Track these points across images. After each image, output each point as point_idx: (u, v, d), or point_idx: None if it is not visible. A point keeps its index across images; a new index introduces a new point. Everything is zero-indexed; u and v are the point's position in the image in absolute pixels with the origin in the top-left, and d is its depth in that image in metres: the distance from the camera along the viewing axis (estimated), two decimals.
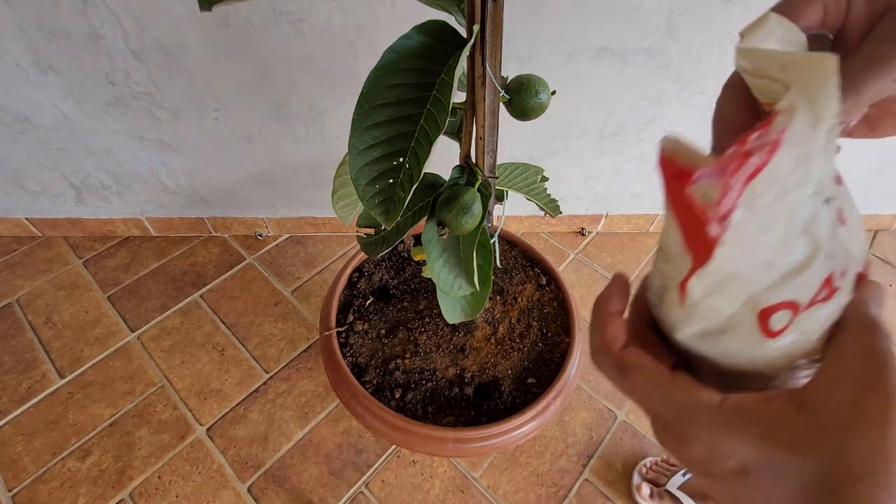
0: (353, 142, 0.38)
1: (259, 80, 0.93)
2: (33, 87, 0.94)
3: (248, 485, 0.90)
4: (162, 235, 1.30)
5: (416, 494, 0.89)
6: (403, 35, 0.38)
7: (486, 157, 0.48)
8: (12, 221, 1.24)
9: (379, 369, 0.71)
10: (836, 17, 0.21)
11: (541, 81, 0.44)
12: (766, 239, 0.17)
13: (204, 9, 0.34)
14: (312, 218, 1.27)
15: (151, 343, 1.08)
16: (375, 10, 0.82)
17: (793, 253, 0.17)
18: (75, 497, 0.87)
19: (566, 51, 0.89)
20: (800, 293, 0.18)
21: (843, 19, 0.21)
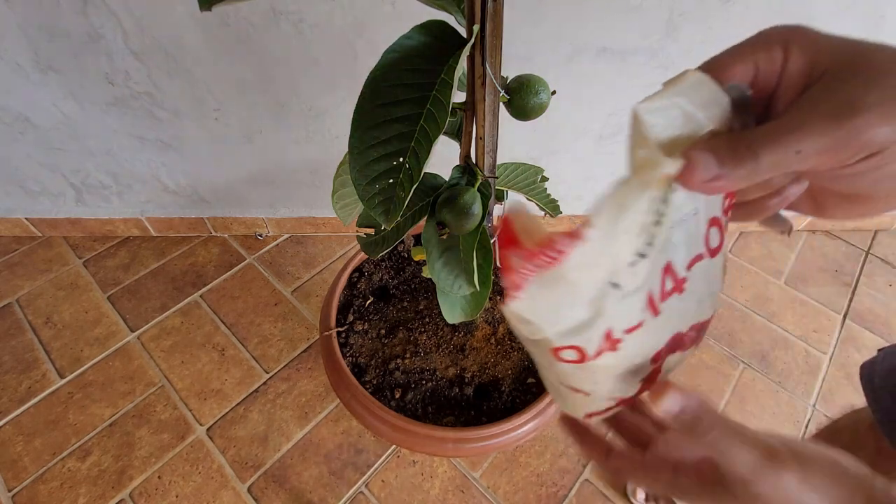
0: (353, 142, 0.38)
1: (259, 80, 0.93)
2: (33, 87, 0.94)
3: (248, 485, 0.90)
4: (162, 235, 1.30)
5: (416, 494, 0.89)
6: (403, 35, 0.38)
7: (486, 157, 0.48)
8: (12, 221, 1.24)
9: (379, 369, 0.71)
10: (769, 76, 0.20)
11: (541, 81, 0.44)
12: (555, 303, 0.20)
13: (204, 9, 0.34)
14: (312, 218, 1.27)
15: (151, 343, 1.08)
16: (375, 10, 0.82)
17: (576, 315, 0.21)
18: (75, 497, 0.87)
19: (566, 51, 0.89)
20: (584, 343, 0.21)
21: (776, 79, 0.20)
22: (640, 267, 0.20)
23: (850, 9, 0.83)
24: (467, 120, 0.46)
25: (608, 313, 0.21)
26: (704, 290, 0.24)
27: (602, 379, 0.24)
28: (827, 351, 1.12)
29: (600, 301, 0.20)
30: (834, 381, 1.07)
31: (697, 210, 0.21)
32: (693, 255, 0.22)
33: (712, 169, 0.19)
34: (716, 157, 0.19)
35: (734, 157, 0.18)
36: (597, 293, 0.20)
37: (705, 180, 0.19)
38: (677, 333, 0.24)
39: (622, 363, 0.23)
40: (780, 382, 1.07)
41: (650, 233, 0.20)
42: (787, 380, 1.07)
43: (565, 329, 0.21)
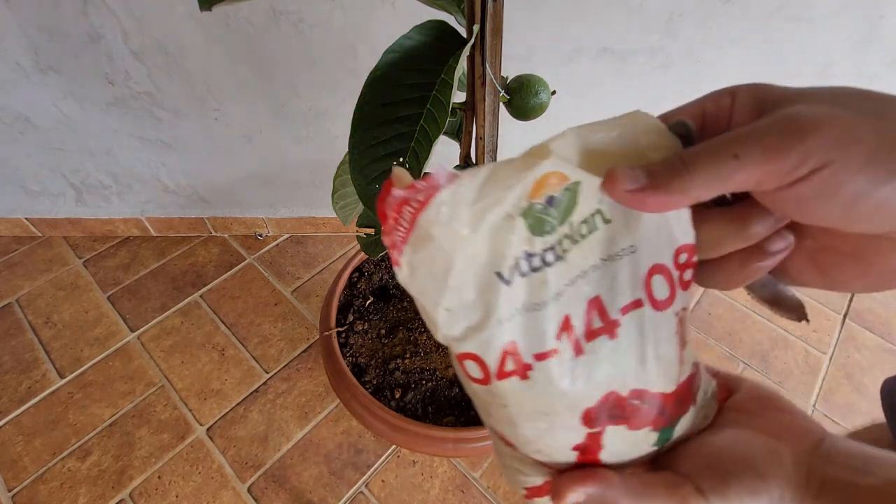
0: (353, 142, 0.38)
1: (259, 80, 0.93)
2: (33, 87, 0.94)
3: (248, 485, 0.90)
4: (162, 235, 1.30)
5: (416, 494, 0.89)
6: (403, 35, 0.38)
7: (486, 157, 0.48)
8: (12, 221, 1.24)
9: (379, 369, 0.71)
10: (718, 120, 0.20)
11: (541, 81, 0.44)
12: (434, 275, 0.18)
13: (204, 9, 0.34)
14: (312, 218, 1.27)
15: (151, 343, 1.08)
16: (375, 10, 0.82)
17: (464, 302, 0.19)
18: (75, 497, 0.87)
19: (566, 51, 0.89)
20: (482, 352, 0.19)
21: (725, 124, 0.19)
22: (544, 277, 0.19)
23: (850, 9, 0.83)
24: (467, 120, 0.46)
25: (503, 315, 0.19)
26: (649, 351, 0.21)
27: (520, 420, 0.21)
28: (827, 351, 1.12)
29: (489, 294, 0.19)
30: (834, 381, 1.07)
31: (635, 248, 0.20)
32: (629, 300, 0.21)
33: (640, 179, 0.18)
34: (645, 170, 0.18)
35: (665, 168, 0.18)
36: (481, 279, 0.19)
37: (629, 190, 0.18)
38: (613, 393, 0.21)
39: (539, 400, 0.20)
40: (780, 382, 1.07)
41: (546, 238, 0.19)
42: (787, 380, 1.07)
43: (459, 327, 0.19)
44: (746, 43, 0.87)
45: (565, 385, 0.20)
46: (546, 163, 0.18)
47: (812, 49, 0.89)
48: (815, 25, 0.85)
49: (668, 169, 0.17)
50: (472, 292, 0.19)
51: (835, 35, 0.87)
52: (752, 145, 0.16)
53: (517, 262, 0.19)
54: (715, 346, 1.12)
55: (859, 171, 0.15)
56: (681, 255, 0.21)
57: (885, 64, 0.93)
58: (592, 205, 0.19)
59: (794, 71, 0.93)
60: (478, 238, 0.18)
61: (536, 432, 0.22)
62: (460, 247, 0.18)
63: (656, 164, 0.18)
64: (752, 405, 0.24)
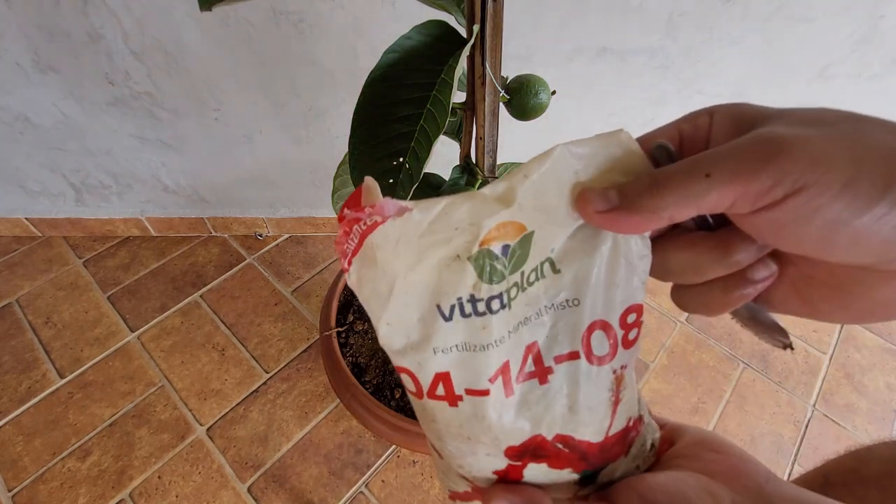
0: (353, 142, 0.38)
1: (259, 80, 0.93)
2: (33, 87, 0.94)
3: (248, 485, 0.90)
4: (162, 235, 1.30)
5: (416, 494, 0.89)
6: (403, 35, 0.38)
7: (486, 157, 0.48)
8: (12, 221, 1.24)
9: (379, 369, 0.71)
10: (695, 141, 0.19)
11: (541, 81, 0.44)
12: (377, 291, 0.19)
13: (204, 9, 0.34)
14: (312, 218, 1.27)
15: (151, 343, 1.08)
16: (375, 10, 0.82)
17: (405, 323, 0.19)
18: (75, 497, 0.87)
19: (566, 51, 0.89)
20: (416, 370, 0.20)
21: (703, 144, 0.19)
22: (487, 323, 0.19)
23: (849, 9, 0.83)
24: (467, 120, 0.46)
25: (439, 346, 0.19)
26: (580, 401, 0.21)
27: (446, 438, 0.22)
28: (827, 351, 1.12)
29: (428, 323, 0.19)
30: (834, 381, 1.07)
31: (579, 302, 0.20)
32: (565, 350, 0.21)
33: (612, 199, 0.17)
34: (617, 190, 0.18)
35: (637, 188, 0.17)
36: (422, 307, 0.19)
37: (600, 210, 0.18)
38: (539, 436, 0.22)
39: (465, 426, 0.21)
40: (780, 382, 1.07)
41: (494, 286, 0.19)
42: (787, 380, 1.07)
43: (397, 343, 0.19)
44: (746, 43, 0.87)
45: (492, 422, 0.21)
46: (506, 211, 0.18)
47: (812, 49, 0.89)
48: (815, 25, 0.85)
49: (639, 189, 0.17)
50: (413, 315, 0.19)
51: (835, 35, 0.87)
52: (723, 164, 0.15)
53: (460, 302, 0.19)
54: (715, 346, 1.12)
55: (836, 197, 0.14)
56: (629, 315, 0.21)
57: (885, 64, 0.93)
58: (545, 253, 0.19)
59: (793, 71, 0.93)
60: (421, 269, 0.18)
61: (460, 452, 0.22)
62: (402, 275, 0.18)
63: (628, 185, 0.18)
64: (693, 450, 0.23)
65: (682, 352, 1.11)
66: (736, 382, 1.06)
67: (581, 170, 0.19)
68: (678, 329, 1.15)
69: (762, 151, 0.15)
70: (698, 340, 1.13)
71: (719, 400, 1.04)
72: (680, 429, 0.25)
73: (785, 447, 0.97)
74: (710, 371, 1.08)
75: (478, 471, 0.23)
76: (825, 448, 0.97)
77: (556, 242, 0.19)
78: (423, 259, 0.18)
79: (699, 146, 0.19)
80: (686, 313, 1.18)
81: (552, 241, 0.19)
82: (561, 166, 0.18)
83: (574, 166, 0.19)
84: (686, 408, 1.02)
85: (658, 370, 1.08)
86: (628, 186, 0.18)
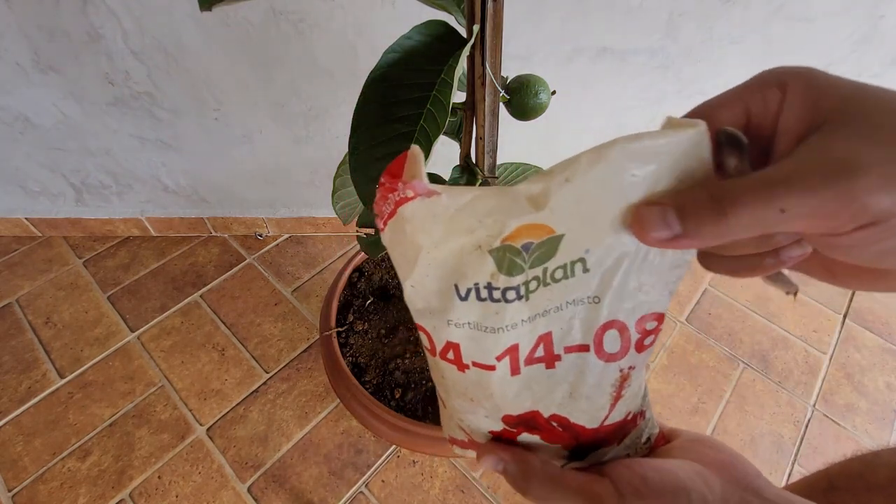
0: (354, 142, 0.38)
1: (259, 80, 0.93)
2: (33, 87, 0.94)
3: (248, 485, 0.90)
4: (162, 235, 1.30)
5: (416, 494, 0.89)
6: (403, 35, 0.38)
7: (486, 157, 0.48)
8: (12, 221, 1.24)
9: (379, 369, 0.71)
10: (764, 121, 0.18)
11: (541, 81, 0.44)
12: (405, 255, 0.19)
13: (204, 9, 0.34)
14: (312, 218, 1.27)
15: (151, 343, 1.08)
16: (375, 10, 0.82)
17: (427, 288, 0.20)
18: (75, 497, 0.87)
19: (566, 51, 0.89)
20: (432, 331, 0.21)
21: (772, 125, 0.18)
22: (500, 309, 0.20)
23: (849, 9, 0.83)
24: (467, 120, 0.46)
25: (454, 320, 0.20)
26: (581, 390, 0.22)
27: (452, 394, 0.23)
28: (827, 351, 1.12)
29: (445, 297, 0.20)
30: (834, 381, 1.07)
31: (599, 300, 0.20)
32: (576, 343, 0.21)
33: (673, 226, 0.16)
34: (677, 212, 0.16)
35: (700, 211, 0.16)
36: (441, 282, 0.19)
37: (662, 239, 0.17)
38: (536, 412, 0.23)
39: (469, 390, 0.22)
40: (780, 382, 1.07)
41: (512, 279, 0.19)
42: (787, 380, 1.07)
43: (419, 303, 0.20)
44: (746, 43, 0.87)
45: (494, 392, 0.22)
46: (534, 214, 0.18)
47: (812, 49, 0.89)
48: (815, 25, 0.85)
49: (703, 215, 0.16)
50: (433, 286, 0.20)
51: (835, 35, 0.87)
52: (801, 201, 0.14)
53: (477, 287, 0.19)
54: (715, 346, 1.12)
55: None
56: (648, 321, 0.21)
57: (885, 64, 0.93)
58: (576, 253, 0.19)
59: None
60: (444, 248, 0.19)
61: (462, 408, 0.24)
62: (426, 249, 0.19)
63: (689, 208, 0.16)
64: (688, 444, 0.24)
65: (682, 352, 1.11)
66: (736, 382, 1.06)
67: (639, 174, 0.18)
68: (678, 329, 1.15)
69: (841, 190, 0.14)
70: (698, 340, 1.13)
71: (719, 400, 1.04)
72: (678, 430, 0.26)
73: (785, 447, 0.97)
74: (710, 371, 1.08)
75: (476, 428, 0.24)
76: (825, 448, 0.97)
77: (594, 244, 0.19)
78: (447, 241, 0.19)
79: (766, 129, 0.18)
80: (686, 313, 1.17)
81: (589, 243, 0.19)
82: (614, 169, 0.17)
83: (630, 168, 0.18)
84: (686, 408, 1.02)
85: (658, 370, 1.08)
86: (690, 211, 0.16)
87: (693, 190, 0.17)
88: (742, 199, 0.15)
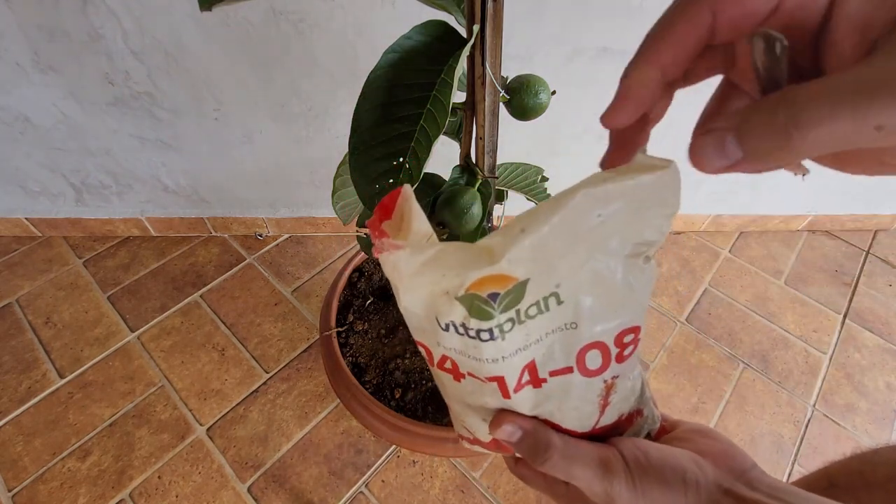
0: (354, 142, 0.38)
1: (259, 80, 0.93)
2: (33, 87, 0.94)
3: (248, 485, 0.90)
4: (162, 235, 1.30)
5: (416, 494, 0.89)
6: (403, 35, 0.38)
7: (486, 157, 0.48)
8: (12, 221, 1.24)
9: (379, 369, 0.71)
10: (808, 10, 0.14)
11: (541, 81, 0.44)
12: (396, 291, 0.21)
13: (204, 9, 0.34)
14: (312, 218, 1.27)
15: (151, 343, 1.08)
16: (375, 10, 0.82)
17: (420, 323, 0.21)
18: (75, 497, 0.87)
19: (566, 51, 0.89)
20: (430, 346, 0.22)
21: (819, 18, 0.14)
22: (477, 345, 0.20)
23: None
24: (467, 120, 0.46)
25: (443, 344, 0.21)
26: (570, 403, 0.23)
27: (451, 400, 0.25)
28: (827, 351, 1.12)
29: (432, 324, 0.21)
30: (834, 381, 1.07)
31: (576, 325, 0.21)
32: (560, 366, 0.22)
33: (731, 153, 0.14)
34: (737, 136, 0.14)
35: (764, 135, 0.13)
36: (426, 311, 0.21)
37: (719, 168, 0.15)
38: (532, 417, 0.24)
39: (467, 397, 0.24)
40: (780, 382, 1.07)
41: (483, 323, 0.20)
42: (787, 380, 1.07)
43: (414, 322, 0.22)
44: None
45: (487, 402, 0.23)
46: (490, 267, 0.19)
47: None
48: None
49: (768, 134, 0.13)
50: (420, 312, 0.21)
51: None
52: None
53: (453, 324, 0.20)
54: (715, 346, 1.12)
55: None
56: (626, 335, 0.22)
57: None
58: (547, 290, 0.20)
59: None
60: (418, 292, 0.20)
61: (463, 412, 0.25)
62: (402, 290, 0.20)
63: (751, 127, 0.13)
64: (688, 434, 0.25)
65: (682, 352, 1.11)
66: (736, 382, 1.06)
67: (605, 212, 0.18)
68: (678, 329, 1.15)
69: None
70: (698, 340, 1.13)
71: (719, 400, 1.04)
72: (680, 421, 0.27)
73: (785, 447, 0.97)
74: (710, 371, 1.08)
75: (476, 429, 0.26)
76: (825, 448, 0.97)
77: (563, 278, 0.20)
78: (419, 287, 0.20)
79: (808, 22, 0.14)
80: (686, 313, 1.17)
81: (559, 277, 0.20)
82: (579, 212, 0.18)
83: (595, 210, 0.18)
84: (686, 408, 1.02)
85: (658, 370, 1.08)
86: (752, 130, 0.13)
87: (755, 105, 0.14)
88: (821, 111, 0.12)
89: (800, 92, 0.12)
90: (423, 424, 0.64)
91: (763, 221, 1.36)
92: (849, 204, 1.33)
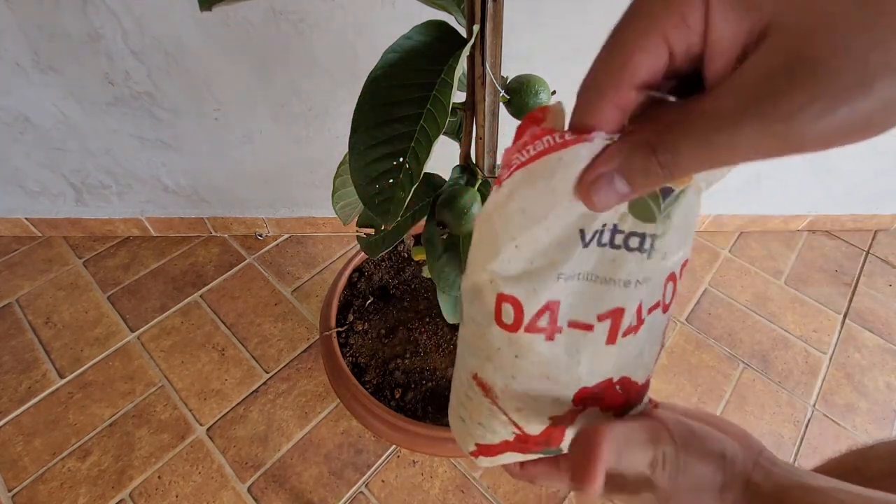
0: (353, 142, 0.38)
1: (259, 80, 0.93)
2: (33, 87, 0.94)
3: (248, 485, 0.90)
4: (162, 235, 1.30)
5: (416, 494, 0.89)
6: (403, 35, 0.38)
7: (486, 157, 0.48)
8: (12, 221, 1.24)
9: (379, 369, 0.71)
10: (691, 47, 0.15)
11: (541, 81, 0.44)
12: (526, 208, 0.18)
13: (204, 9, 0.34)
14: (312, 218, 1.27)
15: (151, 343, 1.08)
16: (375, 10, 0.82)
17: (535, 244, 0.19)
18: (75, 497, 0.87)
19: (566, 51, 0.89)
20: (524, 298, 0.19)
21: (700, 48, 0.15)
22: (618, 257, 0.19)
23: None
24: (467, 120, 0.46)
25: (565, 273, 0.19)
26: (646, 345, 0.23)
27: (522, 370, 0.21)
28: (827, 351, 1.12)
29: (563, 248, 0.19)
30: (834, 381, 1.07)
31: (666, 255, 0.21)
32: (655, 301, 0.22)
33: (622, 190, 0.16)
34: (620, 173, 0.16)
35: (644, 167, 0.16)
36: (563, 232, 0.19)
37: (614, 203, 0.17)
38: (609, 380, 0.22)
39: (550, 364, 0.21)
40: (780, 382, 1.07)
41: (639, 225, 0.19)
42: (787, 380, 1.07)
43: (518, 267, 0.19)
44: None
45: (581, 361, 0.21)
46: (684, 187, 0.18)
47: None
48: None
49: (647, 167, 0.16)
50: (549, 239, 0.19)
51: None
52: (749, 138, 0.13)
53: (602, 230, 0.19)
54: (715, 346, 1.12)
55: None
56: (686, 263, 0.22)
57: None
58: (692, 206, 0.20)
59: None
60: (569, 205, 0.18)
61: (531, 392, 0.22)
62: (564, 200, 0.18)
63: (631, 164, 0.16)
64: (703, 416, 0.26)
65: (682, 352, 1.11)
66: (736, 382, 1.06)
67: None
68: (678, 329, 1.15)
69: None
70: (698, 340, 1.13)
71: (719, 400, 1.04)
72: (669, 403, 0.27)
73: (785, 447, 0.97)
74: (710, 371, 1.08)
75: (535, 415, 0.23)
76: (825, 448, 0.97)
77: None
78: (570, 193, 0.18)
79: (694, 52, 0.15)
80: (686, 313, 1.17)
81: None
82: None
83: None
84: None
85: (658, 370, 1.08)
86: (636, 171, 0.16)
87: (631, 143, 0.16)
88: (684, 147, 0.14)
89: (670, 129, 0.15)
90: (423, 424, 0.64)
91: (763, 221, 1.36)
92: (849, 204, 1.33)
